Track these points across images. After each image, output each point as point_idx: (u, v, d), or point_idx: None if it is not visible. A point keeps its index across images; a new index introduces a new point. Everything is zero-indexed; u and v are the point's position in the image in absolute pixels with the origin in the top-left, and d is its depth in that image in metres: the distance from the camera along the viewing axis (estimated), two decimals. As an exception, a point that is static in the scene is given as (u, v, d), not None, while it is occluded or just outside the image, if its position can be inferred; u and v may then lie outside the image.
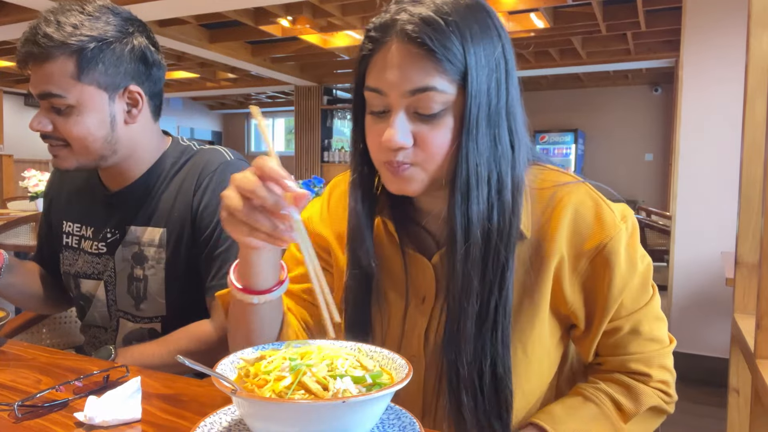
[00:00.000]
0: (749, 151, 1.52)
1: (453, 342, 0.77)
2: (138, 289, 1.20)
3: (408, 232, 0.87)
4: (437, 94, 0.71)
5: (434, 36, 0.70)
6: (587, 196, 0.80)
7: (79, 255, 1.27)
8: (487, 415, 0.78)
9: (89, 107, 1.09)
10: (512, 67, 0.77)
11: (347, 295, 0.87)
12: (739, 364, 1.66)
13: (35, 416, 0.75)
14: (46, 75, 1.06)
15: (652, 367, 0.83)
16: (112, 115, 1.12)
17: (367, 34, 0.76)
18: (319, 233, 0.95)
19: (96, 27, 1.08)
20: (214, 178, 1.17)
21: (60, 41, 1.05)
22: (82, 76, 1.07)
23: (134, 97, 1.15)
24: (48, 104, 1.09)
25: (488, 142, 0.74)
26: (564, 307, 0.81)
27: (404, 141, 0.73)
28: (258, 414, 0.59)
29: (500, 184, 0.76)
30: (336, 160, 9.33)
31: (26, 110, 10.63)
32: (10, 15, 5.09)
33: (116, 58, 1.10)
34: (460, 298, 0.76)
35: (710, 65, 3.20)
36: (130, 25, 1.14)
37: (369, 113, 0.77)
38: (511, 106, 0.76)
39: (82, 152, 1.12)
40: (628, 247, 0.79)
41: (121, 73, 1.12)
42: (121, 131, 1.14)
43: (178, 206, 1.17)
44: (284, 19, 5.65)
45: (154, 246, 1.18)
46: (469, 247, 0.75)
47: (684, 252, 3.32)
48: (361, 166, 0.83)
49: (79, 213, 1.28)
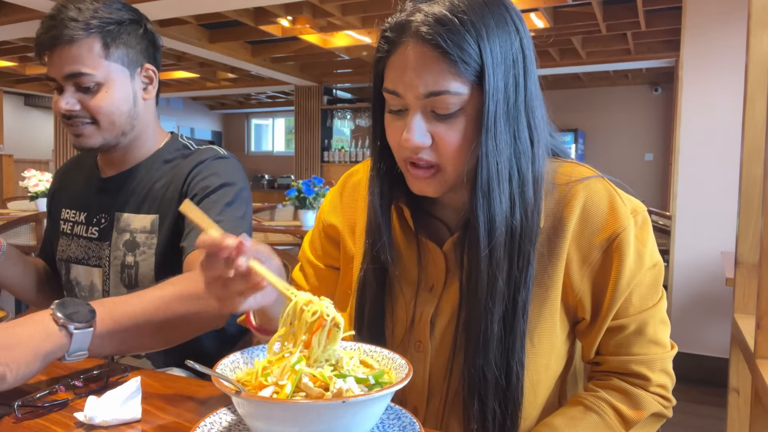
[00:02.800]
0: (749, 151, 1.52)
1: (478, 344, 0.77)
2: (130, 276, 1.22)
3: (421, 221, 0.87)
4: (452, 96, 0.72)
5: (449, 37, 0.70)
6: (603, 188, 0.81)
7: (71, 240, 1.29)
8: (499, 405, 0.78)
9: (116, 83, 1.18)
10: (531, 62, 0.76)
11: (362, 288, 0.87)
12: (739, 364, 1.66)
13: (35, 416, 0.75)
14: (73, 56, 1.13)
15: (653, 370, 0.82)
16: (133, 91, 1.22)
17: (383, 34, 0.76)
18: (330, 223, 0.97)
19: (113, 11, 1.18)
20: (204, 167, 1.21)
21: (86, 23, 1.13)
22: (109, 55, 1.16)
23: (149, 75, 1.25)
24: (74, 85, 1.15)
25: (508, 139, 0.74)
26: (572, 297, 0.81)
27: (422, 141, 0.74)
28: (258, 414, 0.59)
29: (521, 181, 0.75)
30: (336, 160, 9.32)
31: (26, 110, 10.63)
32: (10, 15, 5.09)
33: (134, 38, 1.21)
34: (486, 301, 0.76)
35: (710, 65, 3.20)
36: (136, 13, 1.23)
37: (388, 111, 0.78)
38: (530, 101, 0.76)
39: (108, 127, 1.19)
40: (637, 241, 0.79)
41: (139, 52, 1.22)
42: (140, 106, 1.23)
43: (170, 193, 1.21)
44: (284, 19, 5.64)
45: (145, 232, 1.21)
46: (494, 249, 0.75)
47: (684, 252, 3.32)
48: (380, 163, 0.84)
49: (73, 198, 1.33)
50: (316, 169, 9.32)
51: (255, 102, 12.15)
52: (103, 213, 1.26)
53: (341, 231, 0.95)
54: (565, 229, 0.79)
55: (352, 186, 0.97)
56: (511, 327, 0.77)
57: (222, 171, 1.21)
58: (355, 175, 0.98)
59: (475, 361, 0.77)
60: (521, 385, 0.78)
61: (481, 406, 0.77)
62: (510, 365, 0.77)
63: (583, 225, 0.79)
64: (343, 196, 0.97)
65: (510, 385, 0.77)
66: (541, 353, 0.81)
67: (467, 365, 0.78)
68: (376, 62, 0.78)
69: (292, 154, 9.89)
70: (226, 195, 1.18)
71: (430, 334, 0.85)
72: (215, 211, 1.14)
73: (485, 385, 0.77)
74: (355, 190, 0.96)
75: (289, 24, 5.81)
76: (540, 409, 0.85)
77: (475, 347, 0.77)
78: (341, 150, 9.40)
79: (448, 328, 0.84)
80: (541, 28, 5.56)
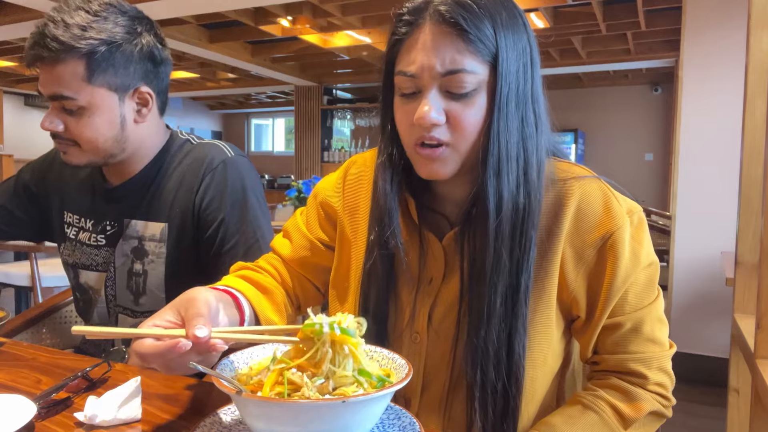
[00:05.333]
0: (749, 151, 1.52)
1: (481, 318, 0.78)
2: (137, 284, 1.20)
3: (423, 215, 0.88)
4: (468, 74, 0.74)
5: (467, 17, 0.73)
6: (598, 188, 0.82)
7: (76, 246, 1.28)
8: (501, 381, 0.79)
9: (100, 108, 1.10)
10: (536, 56, 0.81)
11: (369, 277, 0.88)
12: (739, 364, 1.66)
13: (35, 416, 0.74)
14: (56, 77, 1.06)
15: (651, 369, 0.83)
16: (122, 115, 1.13)
17: (400, 18, 0.79)
18: (329, 203, 0.98)
19: (105, 29, 1.08)
20: (215, 175, 1.18)
21: (70, 45, 1.04)
22: (93, 79, 1.08)
23: (144, 98, 1.16)
24: (59, 105, 1.09)
25: (517, 122, 0.77)
26: (567, 295, 0.82)
27: (437, 118, 0.75)
28: (258, 414, 0.59)
29: (527, 164, 0.78)
30: (336, 160, 9.32)
31: (26, 110, 10.62)
32: (10, 15, 5.08)
33: (125, 59, 1.10)
34: (491, 274, 0.78)
35: (710, 65, 3.20)
36: (138, 23, 1.13)
37: (399, 95, 0.80)
38: (536, 91, 0.80)
39: (91, 151, 1.13)
40: (633, 241, 0.80)
41: (131, 74, 1.12)
42: (131, 130, 1.16)
43: (179, 201, 1.18)
44: (284, 19, 5.64)
45: (155, 240, 1.19)
46: (500, 223, 0.77)
47: (684, 252, 3.32)
48: (390, 149, 0.85)
49: (79, 205, 1.29)
50: (316, 169, 9.32)
51: (255, 102, 12.14)
52: (112, 221, 1.23)
53: (340, 213, 0.96)
54: (560, 226, 0.81)
55: (355, 172, 0.98)
56: (513, 307, 0.78)
57: (230, 182, 1.18)
58: (357, 162, 1.00)
59: (478, 332, 0.78)
60: (522, 366, 0.79)
61: (483, 378, 0.78)
62: (512, 344, 0.78)
63: (578, 223, 0.81)
64: (346, 179, 0.98)
65: (511, 362, 0.79)
66: (537, 348, 0.82)
67: (470, 337, 0.80)
68: (391, 46, 0.80)
69: (292, 154, 9.89)
70: (240, 209, 1.17)
71: (427, 326, 0.86)
72: (233, 230, 1.15)
73: (486, 358, 0.78)
74: (359, 177, 0.97)
75: (289, 24, 5.80)
76: (537, 406, 0.85)
77: (477, 320, 0.79)
78: (341, 150, 9.40)
79: (445, 319, 0.85)
80: (541, 28, 5.56)
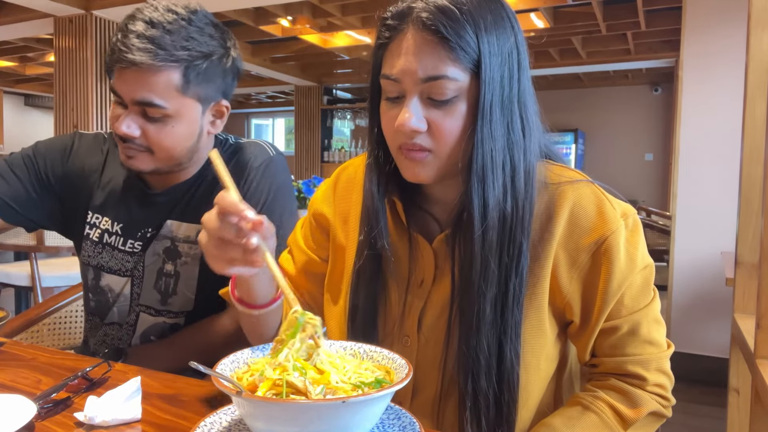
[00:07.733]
0: (749, 151, 1.52)
1: (471, 326, 0.78)
2: (167, 284, 1.19)
3: (413, 216, 0.88)
4: (450, 81, 0.74)
5: (449, 24, 0.72)
6: (591, 191, 0.82)
7: (103, 248, 1.23)
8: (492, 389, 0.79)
9: (185, 118, 1.09)
10: (524, 59, 0.79)
11: (358, 277, 0.88)
12: (739, 364, 1.66)
13: (35, 416, 0.74)
14: (149, 83, 1.03)
15: (649, 370, 0.83)
16: (201, 126, 1.13)
17: (384, 22, 0.79)
18: (321, 212, 0.98)
19: (205, 42, 1.07)
20: (257, 175, 1.18)
21: (173, 53, 1.02)
22: (186, 89, 1.06)
23: (221, 110, 1.16)
24: (140, 110, 1.06)
25: (502, 129, 0.76)
26: (560, 300, 0.82)
27: (418, 125, 0.75)
28: (258, 414, 0.59)
29: (513, 171, 0.77)
30: (336, 160, 9.31)
31: (26, 110, 10.63)
32: (10, 15, 5.09)
33: (217, 73, 1.10)
34: (479, 283, 0.77)
35: (710, 65, 3.20)
36: (228, 37, 1.13)
37: (384, 99, 0.80)
38: (523, 96, 0.79)
39: (164, 159, 1.11)
40: (628, 244, 0.80)
41: (218, 87, 1.12)
42: (204, 141, 1.16)
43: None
44: (284, 19, 5.64)
45: (189, 242, 1.17)
46: (486, 231, 0.76)
47: (684, 252, 3.31)
48: (377, 150, 0.85)
49: (110, 209, 1.23)
50: (316, 169, 9.31)
51: (255, 102, 12.14)
52: (150, 227, 1.19)
53: (332, 221, 0.96)
54: (552, 231, 0.80)
55: (346, 178, 0.98)
56: (503, 313, 0.78)
57: (272, 179, 1.19)
58: (348, 168, 1.00)
59: (468, 341, 0.78)
60: (516, 373, 0.79)
61: (474, 387, 0.78)
62: (503, 351, 0.78)
63: (571, 228, 0.80)
64: (337, 187, 0.98)
65: (503, 369, 0.78)
66: (530, 353, 0.81)
67: (460, 345, 0.79)
68: (376, 50, 0.80)
69: (292, 154, 9.88)
70: (279, 202, 1.18)
71: (417, 329, 0.86)
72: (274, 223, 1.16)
73: (477, 367, 0.78)
74: (350, 183, 0.97)
75: (289, 24, 5.80)
76: (533, 411, 0.85)
77: (467, 328, 0.78)
78: (341, 150, 9.39)
79: (436, 323, 0.85)
80: (541, 28, 5.56)
